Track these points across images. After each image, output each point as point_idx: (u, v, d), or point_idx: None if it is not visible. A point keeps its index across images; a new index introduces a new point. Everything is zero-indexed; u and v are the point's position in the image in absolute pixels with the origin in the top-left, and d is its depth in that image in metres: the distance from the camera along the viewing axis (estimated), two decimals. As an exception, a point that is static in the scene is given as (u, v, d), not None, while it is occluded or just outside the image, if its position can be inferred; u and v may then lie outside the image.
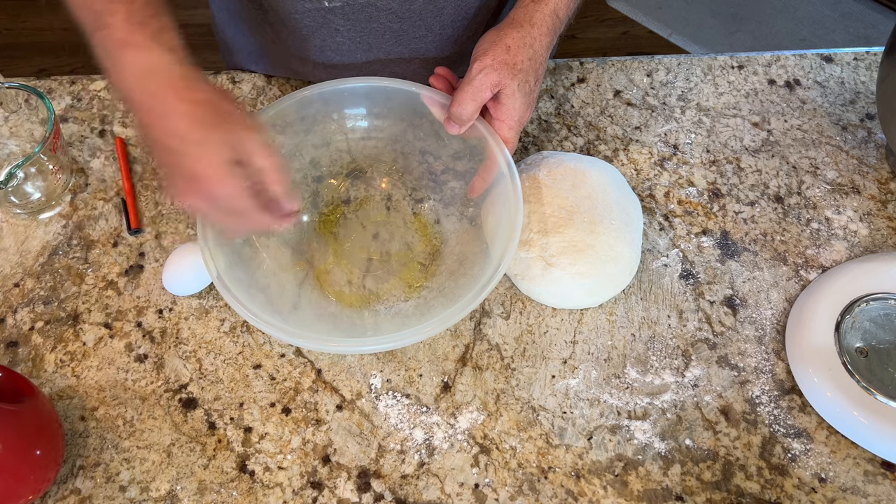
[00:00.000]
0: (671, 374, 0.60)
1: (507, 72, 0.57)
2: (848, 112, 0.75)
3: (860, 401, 0.55)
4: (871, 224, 0.67)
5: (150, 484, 0.55)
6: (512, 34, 0.58)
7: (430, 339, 0.61)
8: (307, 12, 0.67)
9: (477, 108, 0.58)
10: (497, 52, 0.57)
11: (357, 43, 0.71)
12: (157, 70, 0.45)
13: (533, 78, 0.59)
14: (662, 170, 0.71)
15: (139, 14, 0.45)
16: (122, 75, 0.46)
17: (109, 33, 0.46)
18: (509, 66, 0.57)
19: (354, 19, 0.68)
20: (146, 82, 0.45)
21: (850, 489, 0.55)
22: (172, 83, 0.45)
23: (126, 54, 0.45)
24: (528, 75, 0.58)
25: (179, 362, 0.61)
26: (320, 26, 0.69)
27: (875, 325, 0.59)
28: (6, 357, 0.61)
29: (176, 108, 0.45)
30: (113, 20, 0.45)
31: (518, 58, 0.57)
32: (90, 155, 0.72)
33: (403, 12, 0.68)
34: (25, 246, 0.66)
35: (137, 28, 0.45)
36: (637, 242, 0.63)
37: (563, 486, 0.55)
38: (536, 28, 0.58)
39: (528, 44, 0.58)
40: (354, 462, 0.56)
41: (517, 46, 0.57)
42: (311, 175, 0.69)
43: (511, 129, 0.59)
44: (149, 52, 0.45)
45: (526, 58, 0.57)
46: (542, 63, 0.59)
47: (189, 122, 0.44)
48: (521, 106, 0.58)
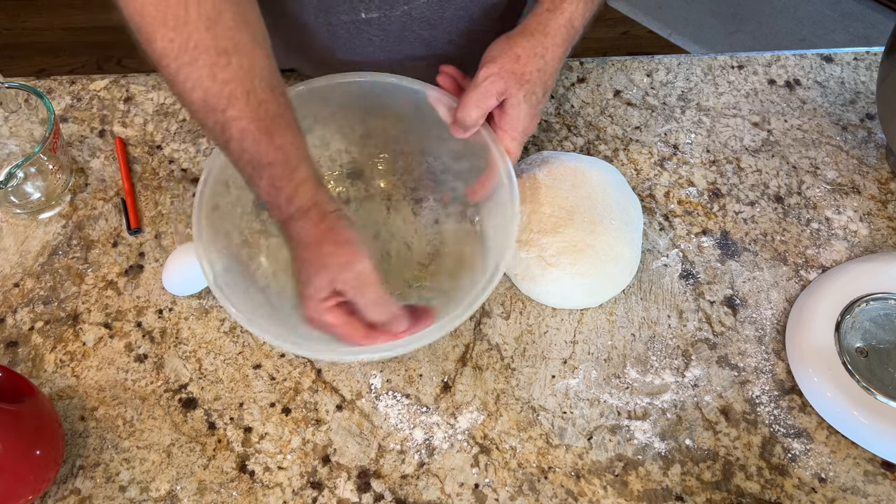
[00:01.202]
0: (671, 374, 0.60)
1: (515, 81, 0.56)
2: (848, 112, 0.75)
3: (860, 401, 0.55)
4: (871, 224, 0.67)
5: (150, 484, 0.55)
6: (523, 43, 0.57)
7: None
8: (342, 24, 0.67)
9: (482, 114, 0.57)
10: (505, 60, 0.56)
11: (388, 52, 0.71)
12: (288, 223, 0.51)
13: (541, 90, 0.58)
14: (662, 170, 0.71)
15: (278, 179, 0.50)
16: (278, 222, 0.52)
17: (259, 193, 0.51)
18: (517, 76, 0.56)
19: (389, 29, 0.68)
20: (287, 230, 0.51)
21: (850, 489, 0.55)
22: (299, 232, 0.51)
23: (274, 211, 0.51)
24: (536, 86, 0.57)
25: (179, 362, 0.61)
26: (353, 37, 0.69)
27: (875, 325, 0.59)
28: (6, 357, 0.61)
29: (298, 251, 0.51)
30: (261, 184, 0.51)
31: (527, 68, 0.56)
32: (90, 155, 0.72)
33: (436, 20, 0.67)
34: (25, 246, 0.66)
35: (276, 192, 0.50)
36: (637, 242, 0.63)
37: (563, 486, 0.55)
38: (549, 38, 0.57)
39: (540, 54, 0.57)
40: (354, 462, 0.56)
41: (527, 56, 0.56)
42: (311, 175, 0.69)
43: (514, 140, 0.58)
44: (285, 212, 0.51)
45: (535, 68, 0.57)
46: (552, 74, 0.58)
47: (303, 263, 0.51)
48: (526, 117, 0.57)
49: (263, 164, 0.50)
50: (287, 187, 0.50)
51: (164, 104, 0.75)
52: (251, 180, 0.51)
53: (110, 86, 0.77)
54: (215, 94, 0.49)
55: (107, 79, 0.77)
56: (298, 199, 0.50)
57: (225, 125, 0.50)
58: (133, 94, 0.76)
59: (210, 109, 0.50)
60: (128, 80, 0.77)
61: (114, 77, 0.77)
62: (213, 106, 0.49)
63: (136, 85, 0.77)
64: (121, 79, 0.77)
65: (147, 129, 0.74)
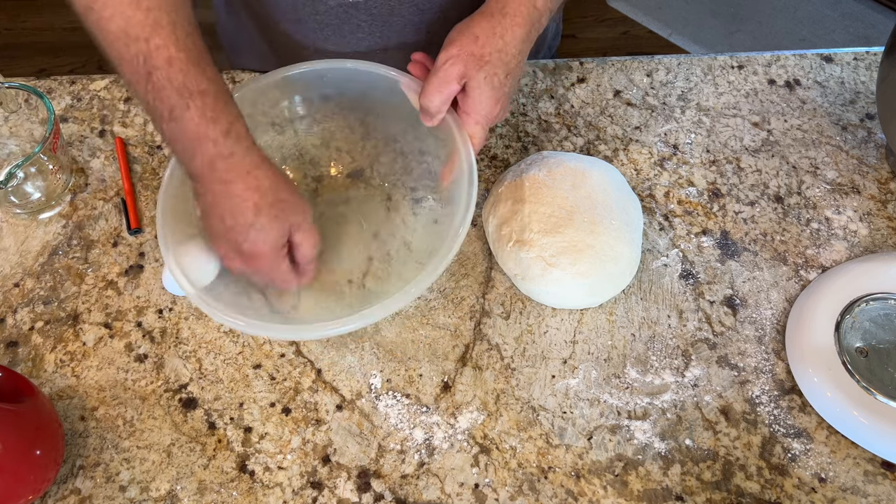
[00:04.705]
0: (671, 374, 0.60)
1: (473, 63, 0.54)
2: (848, 112, 0.75)
3: (860, 401, 0.55)
4: (871, 224, 0.67)
5: (150, 484, 0.55)
6: (482, 23, 0.55)
7: (431, 339, 0.61)
8: (330, 10, 0.67)
9: (444, 100, 0.56)
10: (464, 42, 0.55)
11: (377, 37, 0.70)
12: (227, 159, 0.50)
13: (502, 71, 0.56)
14: (662, 170, 0.71)
15: (211, 109, 0.49)
16: (194, 163, 0.50)
17: (183, 126, 0.49)
18: (475, 57, 0.54)
19: (376, 13, 0.67)
20: (216, 171, 0.50)
21: (850, 489, 0.55)
22: (241, 172, 0.50)
23: (199, 146, 0.49)
24: (497, 67, 0.55)
25: (179, 362, 0.61)
26: (342, 23, 0.68)
27: (875, 325, 0.59)
28: (6, 357, 0.61)
29: (242, 194, 0.50)
30: (188, 115, 0.48)
31: (485, 49, 0.55)
32: (90, 155, 0.72)
33: (424, 4, 0.67)
34: (25, 246, 0.66)
35: (211, 123, 0.49)
36: (637, 242, 0.63)
37: (563, 486, 0.55)
38: (509, 18, 0.56)
39: (499, 34, 0.55)
40: (354, 462, 0.56)
41: (486, 36, 0.55)
42: (311, 175, 0.69)
43: (477, 124, 0.57)
44: (221, 145, 0.49)
45: (494, 49, 0.55)
46: (514, 56, 0.56)
47: (253, 210, 0.50)
48: (488, 100, 0.56)
49: (194, 92, 0.48)
50: (223, 119, 0.49)
51: (164, 104, 0.75)
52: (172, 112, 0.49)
53: (110, 86, 0.77)
54: (138, 22, 0.47)
55: (107, 79, 0.77)
56: (236, 132, 0.49)
57: (148, 55, 0.48)
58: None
59: (131, 39, 0.48)
60: (128, 80, 0.77)
61: (114, 77, 0.77)
62: (136, 35, 0.48)
63: (136, 85, 0.77)
64: (121, 79, 0.77)
65: (147, 129, 0.74)
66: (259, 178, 0.51)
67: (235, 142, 0.50)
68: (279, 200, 0.52)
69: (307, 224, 0.54)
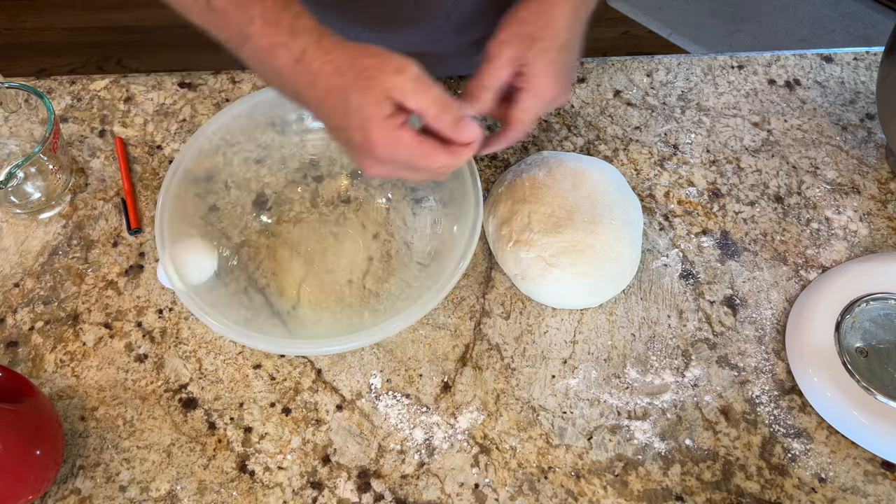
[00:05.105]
0: (671, 374, 0.60)
1: (523, 43, 0.53)
2: (848, 112, 0.75)
3: (860, 401, 0.55)
4: (871, 224, 0.67)
5: (150, 484, 0.55)
6: (527, 6, 0.55)
7: (431, 339, 0.61)
8: None
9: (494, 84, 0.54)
10: (511, 25, 0.54)
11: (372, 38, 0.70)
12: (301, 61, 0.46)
13: (554, 46, 0.54)
14: (662, 170, 0.71)
15: (272, 13, 0.46)
16: (282, 78, 0.47)
17: (255, 43, 0.46)
18: (524, 37, 0.53)
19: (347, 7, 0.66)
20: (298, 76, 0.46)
21: (850, 489, 0.55)
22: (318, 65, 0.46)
23: (275, 58, 0.46)
24: (547, 42, 0.54)
25: (179, 362, 0.61)
26: None
27: (875, 325, 0.59)
28: (6, 357, 0.61)
29: (326, 85, 0.45)
30: (253, 30, 0.46)
31: (533, 27, 0.53)
32: (90, 155, 0.72)
33: None
34: (25, 246, 0.67)
35: (274, 29, 0.46)
36: (637, 242, 0.63)
37: (563, 486, 0.55)
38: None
39: (544, 12, 0.54)
40: (354, 462, 0.56)
41: (532, 17, 0.54)
42: (311, 175, 0.69)
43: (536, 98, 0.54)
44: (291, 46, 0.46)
45: (541, 26, 0.54)
46: (562, 29, 0.55)
47: (340, 95, 0.45)
48: (545, 76, 0.54)
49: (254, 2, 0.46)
50: (286, 18, 0.46)
51: (164, 104, 0.75)
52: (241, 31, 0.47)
53: (110, 86, 0.77)
54: None
55: (107, 79, 0.77)
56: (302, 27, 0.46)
57: None
58: (133, 94, 0.76)
59: None
60: (128, 80, 0.77)
61: (114, 77, 0.77)
62: None
63: (136, 85, 0.77)
64: (121, 79, 0.77)
65: (147, 129, 0.74)
66: (336, 61, 0.46)
67: (304, 37, 0.46)
68: (363, 69, 0.45)
69: (409, 81, 0.45)
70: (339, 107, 0.46)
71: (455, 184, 0.65)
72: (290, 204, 0.68)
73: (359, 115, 0.45)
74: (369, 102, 0.45)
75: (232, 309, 0.59)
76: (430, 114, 0.46)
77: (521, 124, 0.55)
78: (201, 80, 0.77)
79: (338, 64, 0.45)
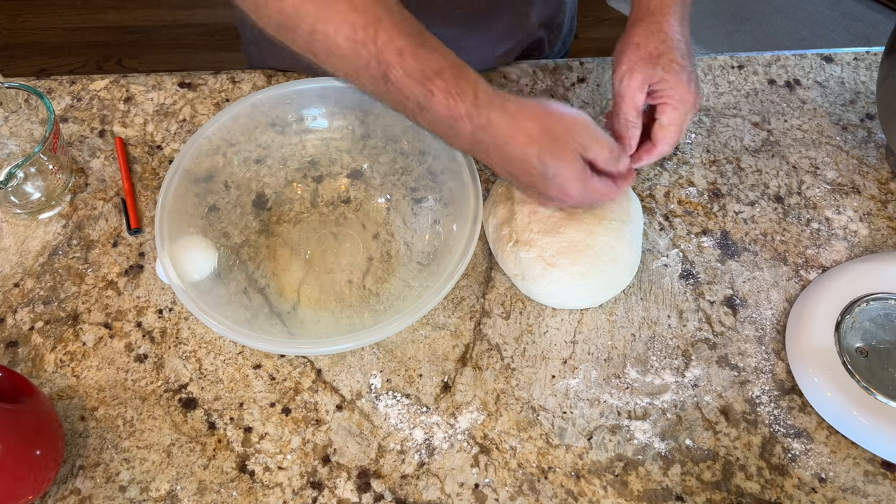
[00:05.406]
0: (671, 374, 0.60)
1: (645, 64, 0.57)
2: (848, 112, 0.75)
3: (860, 401, 0.55)
4: (871, 224, 0.67)
5: (150, 484, 0.55)
6: (637, 31, 0.59)
7: (431, 339, 0.61)
8: None
9: (637, 113, 0.59)
10: (629, 54, 0.58)
11: None
12: (486, 129, 0.50)
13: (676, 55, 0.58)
14: (662, 170, 0.71)
15: (453, 85, 0.49)
16: (460, 141, 0.52)
17: (436, 113, 0.50)
18: (645, 59, 0.57)
19: None
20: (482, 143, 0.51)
21: (850, 489, 0.55)
22: (506, 135, 0.51)
23: (457, 125, 0.51)
24: (669, 55, 0.58)
25: (179, 362, 0.61)
26: None
27: (875, 325, 0.59)
28: (6, 357, 0.61)
29: (520, 153, 0.51)
30: (433, 102, 0.49)
31: (650, 47, 0.58)
32: (90, 155, 0.72)
33: None
34: (25, 246, 0.67)
35: (456, 100, 0.49)
36: (637, 242, 0.63)
37: (563, 486, 0.55)
38: (657, 15, 0.59)
39: (655, 30, 0.58)
40: (354, 462, 0.56)
41: (645, 39, 0.58)
42: (311, 175, 0.69)
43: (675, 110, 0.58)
44: (475, 117, 0.50)
45: (658, 42, 0.58)
46: (678, 40, 0.59)
47: (538, 160, 0.51)
48: (677, 84, 0.57)
49: (431, 75, 0.49)
50: (468, 90, 0.49)
51: (164, 104, 0.75)
52: (420, 104, 0.50)
53: (110, 86, 0.77)
54: (361, 24, 0.48)
55: (107, 79, 0.77)
56: (485, 97, 0.50)
57: (379, 55, 0.48)
58: (133, 94, 0.76)
59: (360, 45, 0.48)
60: (128, 80, 0.77)
61: (114, 77, 0.77)
62: (363, 39, 0.48)
63: (136, 85, 0.77)
64: (121, 79, 0.77)
65: (147, 129, 0.74)
66: (526, 129, 0.51)
67: (488, 108, 0.50)
68: (554, 139, 0.51)
69: (589, 137, 0.53)
70: (534, 170, 0.52)
71: (455, 184, 0.65)
72: (290, 204, 0.68)
73: (556, 176, 0.52)
74: (565, 164, 0.52)
75: (232, 309, 0.59)
76: (602, 160, 0.54)
77: (667, 139, 0.60)
78: (201, 80, 0.77)
79: (530, 133, 0.50)
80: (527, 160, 0.51)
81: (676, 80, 0.57)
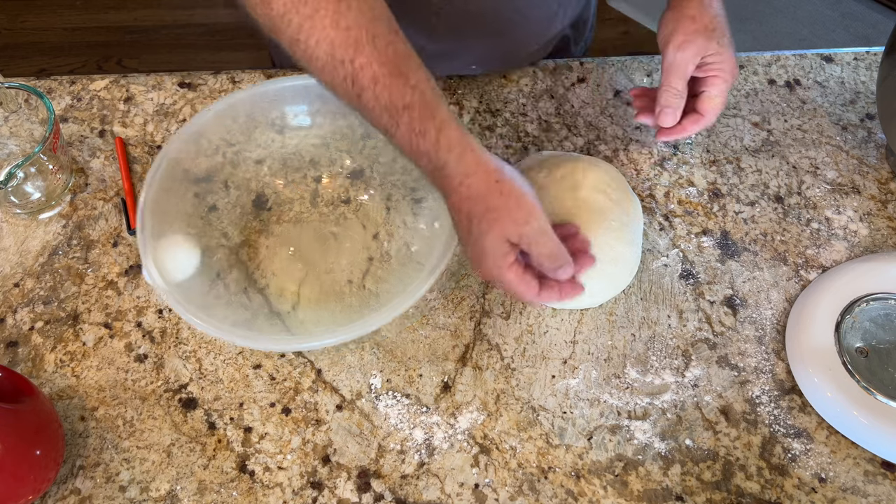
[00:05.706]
0: (671, 374, 0.60)
1: (702, 37, 0.60)
2: (848, 112, 0.75)
3: (860, 401, 0.55)
4: (871, 224, 0.67)
5: (150, 484, 0.55)
6: (690, 4, 0.61)
7: (431, 339, 0.61)
8: None
9: (685, 85, 0.61)
10: (685, 25, 0.60)
11: None
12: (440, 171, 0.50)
13: (726, 30, 0.61)
14: (662, 170, 0.71)
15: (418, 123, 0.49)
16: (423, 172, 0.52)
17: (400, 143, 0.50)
18: (701, 32, 0.60)
19: None
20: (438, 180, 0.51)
21: (850, 489, 0.55)
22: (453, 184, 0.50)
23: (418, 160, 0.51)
24: (723, 29, 0.61)
25: (179, 362, 0.61)
26: None
27: (875, 325, 0.59)
28: (6, 357, 0.61)
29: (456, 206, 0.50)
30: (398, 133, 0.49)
31: (705, 20, 0.60)
32: (90, 155, 0.72)
33: None
34: (25, 246, 0.67)
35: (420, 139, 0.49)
36: (637, 242, 0.63)
37: (563, 486, 0.55)
38: None
39: (707, 4, 0.61)
40: (354, 462, 0.56)
41: (700, 13, 0.60)
42: (311, 175, 0.69)
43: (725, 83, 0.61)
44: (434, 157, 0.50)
45: (712, 16, 0.60)
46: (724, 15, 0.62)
47: (466, 224, 0.50)
48: (731, 58, 0.61)
49: (399, 108, 0.48)
50: (430, 130, 0.49)
51: (164, 104, 0.75)
52: (388, 131, 0.50)
53: (110, 86, 0.77)
54: (341, 43, 0.48)
55: (107, 79, 0.77)
56: (445, 142, 0.49)
57: (355, 76, 0.48)
58: (133, 94, 0.76)
59: (338, 62, 0.48)
60: (128, 80, 0.77)
61: (114, 77, 0.77)
62: (341, 58, 0.48)
63: (136, 85, 0.77)
64: (121, 79, 0.77)
65: (147, 129, 0.74)
66: (470, 186, 0.49)
67: (447, 152, 0.49)
68: (489, 210, 0.49)
69: (533, 230, 0.50)
70: (465, 225, 0.51)
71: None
72: (290, 204, 0.68)
73: (478, 243, 0.50)
74: (489, 239, 0.50)
75: (232, 309, 0.59)
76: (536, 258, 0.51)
77: (715, 110, 0.63)
78: (201, 80, 0.77)
79: (474, 191, 0.49)
80: (461, 214, 0.50)
81: (728, 54, 0.60)
